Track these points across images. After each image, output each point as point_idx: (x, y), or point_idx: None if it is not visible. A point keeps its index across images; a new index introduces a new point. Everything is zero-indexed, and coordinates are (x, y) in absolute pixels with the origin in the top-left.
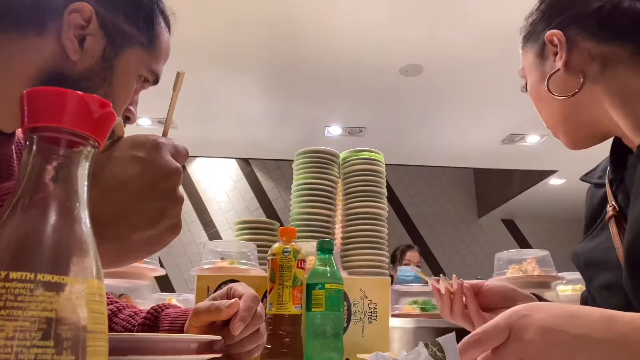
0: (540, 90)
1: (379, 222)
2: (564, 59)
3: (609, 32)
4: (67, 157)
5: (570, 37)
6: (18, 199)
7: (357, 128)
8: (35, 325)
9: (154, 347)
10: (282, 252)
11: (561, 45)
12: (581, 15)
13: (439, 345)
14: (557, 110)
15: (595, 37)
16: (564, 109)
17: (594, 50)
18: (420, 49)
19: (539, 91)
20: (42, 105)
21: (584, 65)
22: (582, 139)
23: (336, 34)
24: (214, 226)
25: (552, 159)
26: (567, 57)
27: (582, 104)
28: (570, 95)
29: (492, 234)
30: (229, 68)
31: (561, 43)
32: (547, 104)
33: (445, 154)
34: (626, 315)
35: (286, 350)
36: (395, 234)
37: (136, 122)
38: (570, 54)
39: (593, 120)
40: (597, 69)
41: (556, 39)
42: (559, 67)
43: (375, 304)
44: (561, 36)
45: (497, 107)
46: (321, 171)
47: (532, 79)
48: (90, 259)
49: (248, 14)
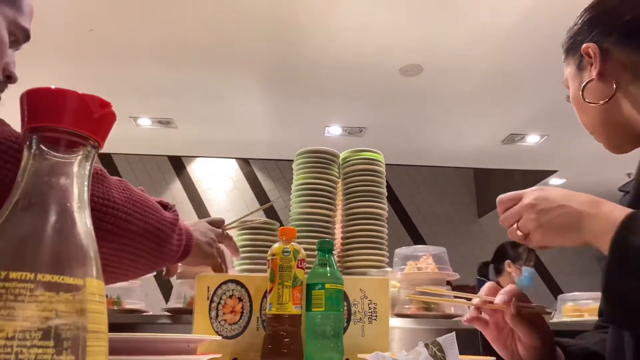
0: (580, 99)
1: (379, 222)
2: (597, 69)
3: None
4: (67, 157)
5: (604, 48)
6: (18, 199)
7: (357, 128)
8: (35, 325)
9: (154, 347)
10: (282, 252)
11: (595, 57)
12: (614, 27)
13: (439, 345)
14: (594, 116)
15: (627, 47)
16: (600, 115)
17: (626, 59)
18: (420, 49)
19: (579, 100)
20: (42, 105)
21: (617, 74)
22: (619, 142)
23: (336, 34)
24: None
25: (552, 159)
26: (600, 67)
27: (616, 110)
28: (604, 102)
29: (492, 234)
30: (230, 68)
31: (595, 54)
32: (586, 112)
33: (445, 154)
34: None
35: (286, 350)
36: (395, 234)
37: (136, 122)
38: (604, 64)
39: (628, 124)
40: (630, 77)
41: (591, 51)
42: (593, 77)
43: (375, 304)
44: (595, 48)
45: (497, 107)
46: (321, 171)
47: (572, 89)
48: (90, 259)
49: (249, 14)
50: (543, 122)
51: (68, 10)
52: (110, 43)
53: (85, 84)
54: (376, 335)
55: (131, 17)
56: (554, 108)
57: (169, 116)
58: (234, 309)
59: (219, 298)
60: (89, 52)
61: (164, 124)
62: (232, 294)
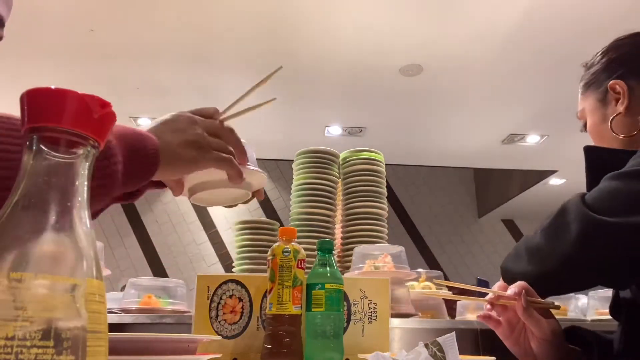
0: (602, 130)
1: (379, 222)
2: (625, 104)
3: None
4: (67, 157)
5: (630, 85)
6: (18, 199)
7: (357, 128)
8: (35, 325)
9: (154, 347)
10: (282, 252)
11: (623, 93)
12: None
13: (439, 345)
14: (616, 146)
15: None
16: (621, 145)
17: None
18: (420, 49)
19: (601, 131)
20: (42, 105)
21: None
22: None
23: (336, 34)
24: (214, 226)
25: (552, 159)
26: (628, 102)
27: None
28: (631, 135)
29: (492, 234)
30: (230, 68)
31: (623, 91)
32: (608, 142)
33: (445, 154)
34: None
35: (286, 350)
36: (395, 234)
37: (136, 122)
38: (630, 100)
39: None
40: None
41: (619, 87)
42: (620, 111)
43: (375, 304)
44: (623, 85)
45: (497, 107)
46: (321, 171)
47: (593, 120)
48: (90, 259)
49: (249, 14)
50: (543, 122)
51: (68, 10)
52: (110, 43)
53: (85, 84)
54: (376, 335)
55: (131, 17)
56: (554, 108)
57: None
58: (234, 309)
59: (219, 298)
60: (89, 52)
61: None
62: (232, 294)
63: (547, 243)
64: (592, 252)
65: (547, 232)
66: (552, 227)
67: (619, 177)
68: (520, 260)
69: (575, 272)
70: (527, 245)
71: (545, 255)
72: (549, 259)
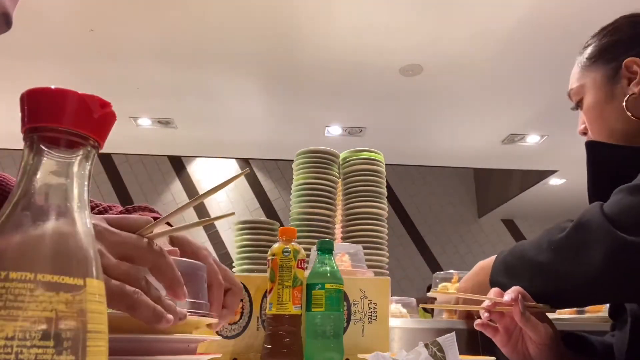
0: (604, 109)
1: (379, 222)
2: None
3: None
4: (67, 157)
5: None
6: (18, 199)
7: (357, 128)
8: (35, 325)
9: (154, 347)
10: (282, 252)
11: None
12: None
13: (439, 345)
14: (619, 129)
15: None
16: (629, 128)
17: None
18: (420, 49)
19: (602, 109)
20: (42, 105)
21: None
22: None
23: (336, 34)
24: (214, 226)
25: (552, 159)
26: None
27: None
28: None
29: (492, 234)
30: (230, 68)
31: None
32: (608, 123)
33: (445, 154)
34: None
35: (286, 350)
36: (395, 234)
37: (136, 122)
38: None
39: None
40: None
41: (636, 66)
42: (635, 92)
43: (375, 304)
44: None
45: (497, 107)
46: (321, 171)
47: (596, 98)
48: (90, 259)
49: (249, 14)
50: (543, 122)
51: (68, 10)
52: (110, 43)
53: (85, 84)
54: (376, 335)
55: (131, 17)
56: (554, 108)
57: (169, 116)
58: None
59: None
60: (89, 52)
61: (163, 124)
62: None
63: (564, 262)
64: (621, 275)
65: (562, 249)
66: (570, 244)
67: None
68: (518, 276)
69: (600, 294)
70: (529, 260)
71: (561, 275)
72: (566, 279)
